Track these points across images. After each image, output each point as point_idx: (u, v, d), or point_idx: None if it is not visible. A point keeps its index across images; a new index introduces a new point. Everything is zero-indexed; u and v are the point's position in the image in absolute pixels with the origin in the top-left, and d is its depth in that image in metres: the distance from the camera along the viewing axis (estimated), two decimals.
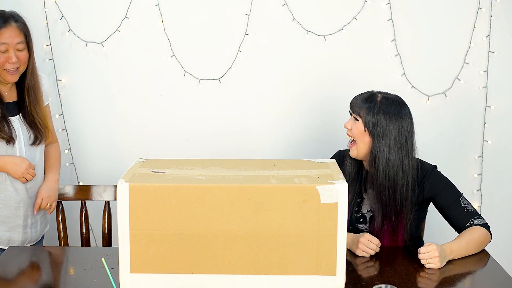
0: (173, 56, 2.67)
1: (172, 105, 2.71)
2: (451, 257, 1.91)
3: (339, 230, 1.51)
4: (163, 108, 2.72)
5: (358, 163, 2.12)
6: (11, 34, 2.08)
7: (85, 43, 2.65)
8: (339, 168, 1.68)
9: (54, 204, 2.27)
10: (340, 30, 2.67)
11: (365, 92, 2.06)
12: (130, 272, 1.53)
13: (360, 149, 2.04)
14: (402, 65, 2.69)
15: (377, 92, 2.06)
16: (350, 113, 2.07)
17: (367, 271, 1.88)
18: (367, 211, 2.09)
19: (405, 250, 2.01)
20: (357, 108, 2.02)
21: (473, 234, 1.97)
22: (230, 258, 1.53)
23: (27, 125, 2.19)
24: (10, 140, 2.13)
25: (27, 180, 2.17)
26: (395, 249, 2.02)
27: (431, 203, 2.09)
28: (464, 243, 1.94)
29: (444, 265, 1.88)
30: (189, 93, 2.70)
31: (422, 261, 1.87)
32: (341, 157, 2.16)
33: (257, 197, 1.49)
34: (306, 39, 2.67)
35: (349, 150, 2.10)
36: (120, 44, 2.66)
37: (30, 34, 2.15)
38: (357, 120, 2.03)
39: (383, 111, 1.99)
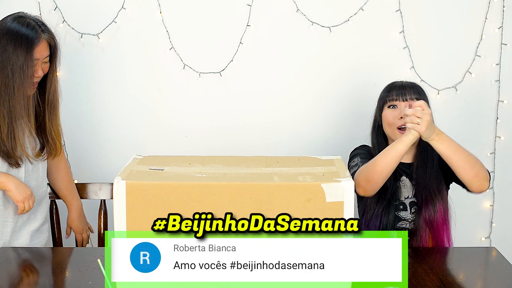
0: (172, 49, 2.63)
1: (171, 99, 2.68)
2: (437, 137, 1.89)
3: None
4: (162, 103, 2.69)
5: None
6: (42, 49, 1.98)
7: (80, 35, 2.61)
8: (345, 165, 1.66)
9: (88, 232, 2.31)
10: (346, 21, 2.63)
11: (395, 82, 2.11)
12: None
13: None
14: (411, 57, 2.65)
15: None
16: (393, 105, 2.06)
17: None
18: (405, 198, 2.07)
19: (412, 250, 1.96)
20: (411, 94, 2.06)
21: (470, 154, 1.94)
22: None
23: (36, 133, 2.08)
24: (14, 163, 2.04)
25: (23, 210, 2.05)
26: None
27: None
28: (455, 142, 1.91)
29: (452, 266, 1.83)
30: (188, 87, 2.67)
31: (411, 118, 1.83)
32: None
33: (259, 195, 1.47)
34: (311, 31, 2.63)
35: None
36: (117, 36, 2.62)
37: (57, 44, 2.05)
38: None
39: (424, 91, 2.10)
